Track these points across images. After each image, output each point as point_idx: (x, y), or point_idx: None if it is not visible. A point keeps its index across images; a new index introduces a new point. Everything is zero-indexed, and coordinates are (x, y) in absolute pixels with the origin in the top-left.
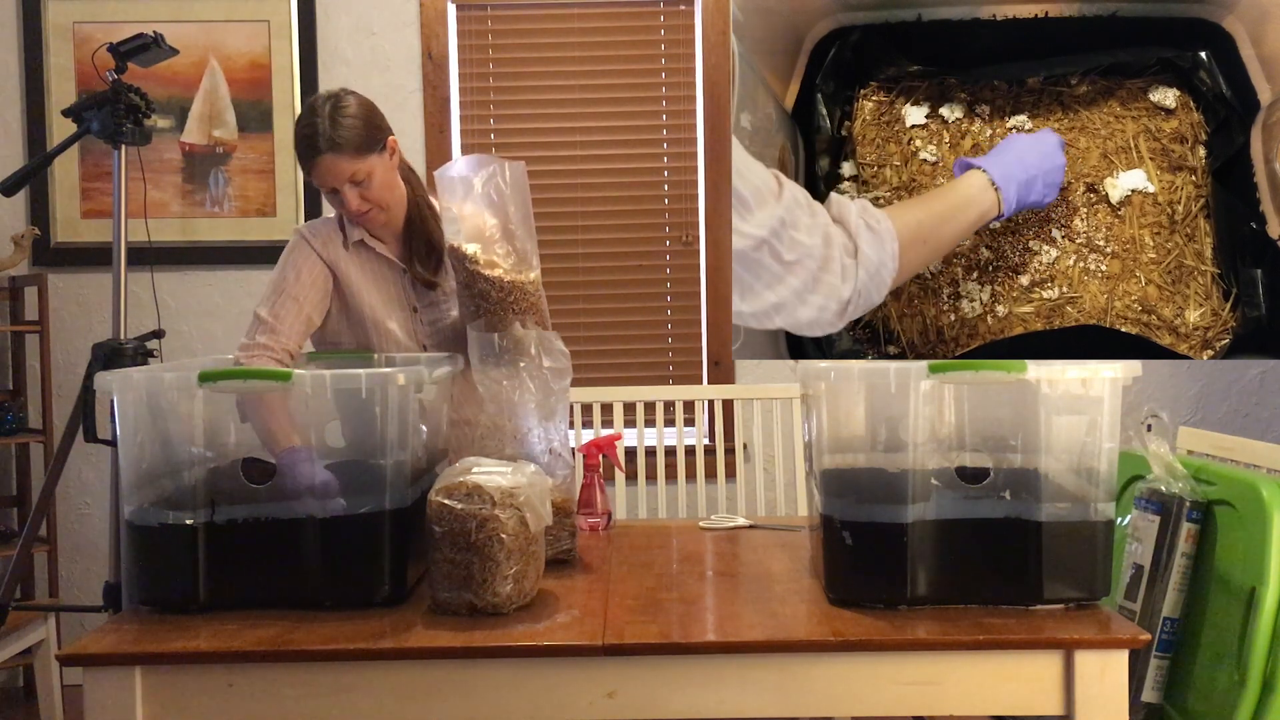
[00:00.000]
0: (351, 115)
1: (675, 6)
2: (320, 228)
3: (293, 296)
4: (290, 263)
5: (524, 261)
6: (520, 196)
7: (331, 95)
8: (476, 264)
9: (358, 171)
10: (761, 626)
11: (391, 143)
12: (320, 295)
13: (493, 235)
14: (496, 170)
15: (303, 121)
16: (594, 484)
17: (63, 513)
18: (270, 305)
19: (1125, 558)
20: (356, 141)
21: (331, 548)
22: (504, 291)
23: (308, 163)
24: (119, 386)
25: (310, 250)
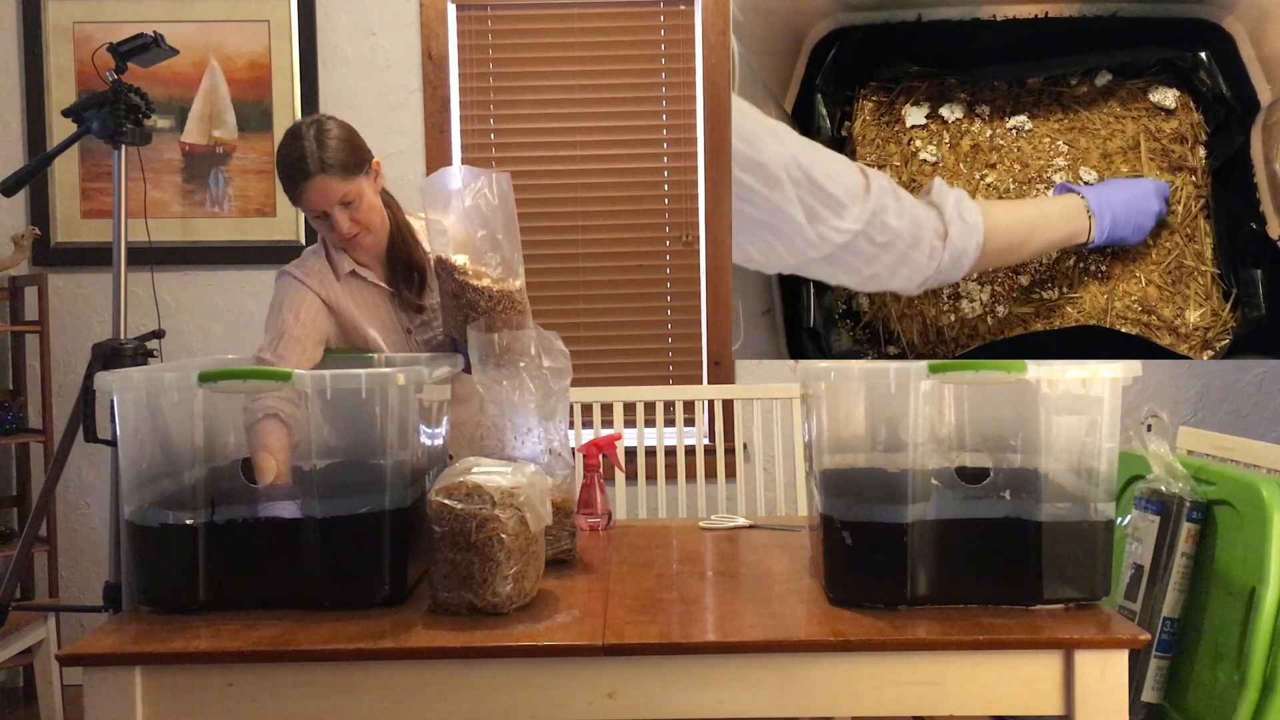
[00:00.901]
0: (336, 137)
1: (675, 6)
2: (311, 265)
3: (295, 338)
4: (288, 305)
5: (510, 271)
6: (507, 207)
7: (313, 120)
8: (465, 274)
9: (348, 192)
10: (761, 626)
11: (376, 164)
12: (321, 336)
13: (481, 246)
14: (485, 182)
15: (287, 147)
16: (594, 484)
17: (63, 513)
18: (274, 349)
19: (1125, 558)
20: (345, 162)
21: (331, 548)
22: (492, 301)
23: (298, 186)
24: (119, 386)
25: (307, 291)
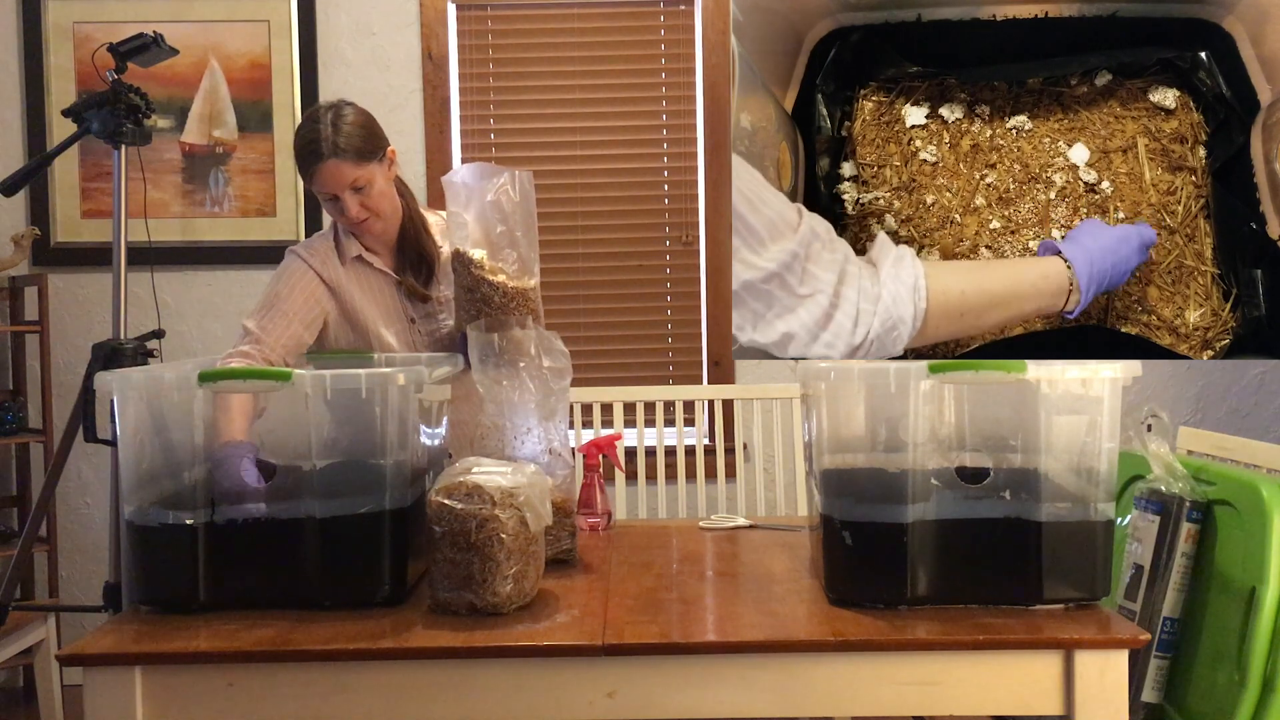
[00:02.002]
0: (353, 123)
1: (675, 6)
2: (317, 247)
3: (283, 312)
4: (284, 279)
5: (526, 269)
6: (527, 205)
7: (331, 105)
8: (482, 269)
9: (359, 178)
10: (761, 626)
11: (391, 152)
12: (314, 315)
13: (499, 242)
14: (507, 179)
15: (304, 129)
16: (594, 484)
17: (63, 513)
18: (258, 319)
19: (1125, 558)
20: (359, 147)
21: (331, 548)
22: (507, 297)
23: (310, 168)
24: (119, 386)
25: (308, 269)
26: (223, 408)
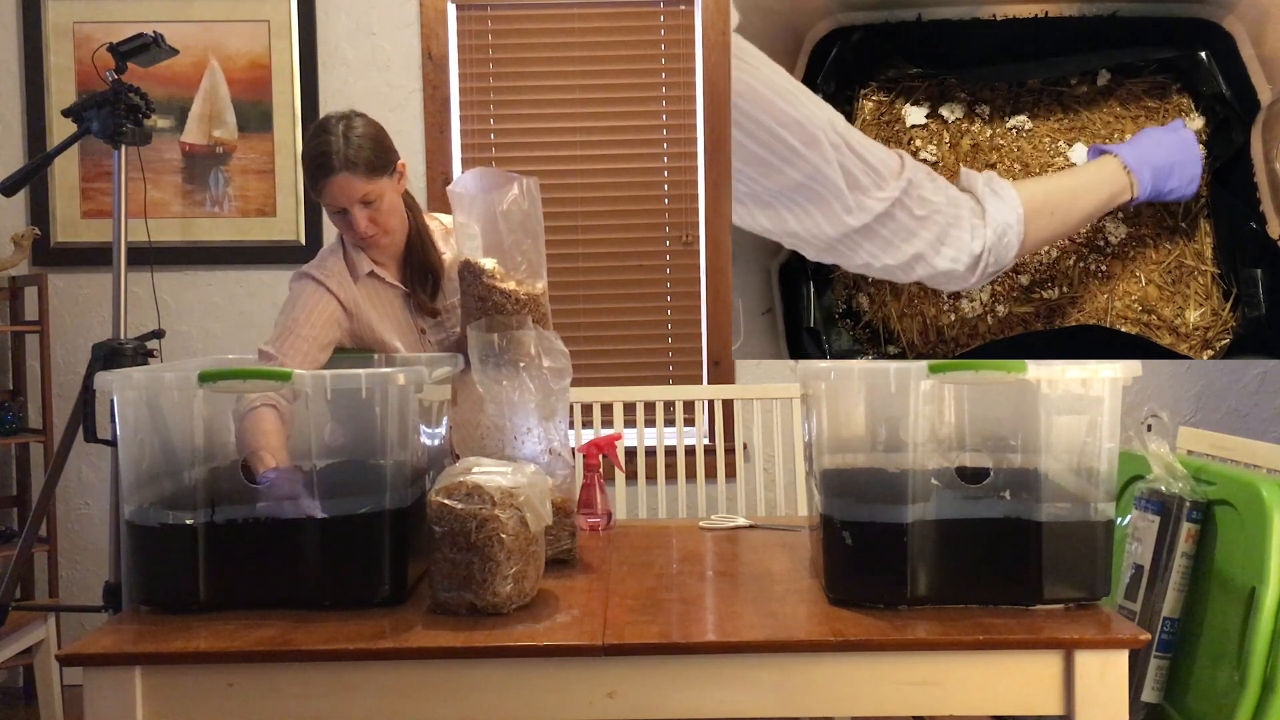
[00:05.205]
0: (363, 135)
1: (675, 6)
2: (331, 267)
3: (302, 337)
4: (302, 304)
5: (534, 274)
6: (535, 212)
7: (342, 115)
8: (493, 278)
9: (370, 192)
10: (761, 626)
11: (401, 166)
12: (331, 339)
13: (509, 250)
14: (517, 187)
15: (314, 140)
16: (594, 484)
17: (63, 513)
18: (277, 344)
19: (1125, 558)
20: (370, 161)
21: (331, 548)
22: (519, 304)
23: (320, 181)
24: (119, 386)
25: (325, 293)
26: (255, 429)
